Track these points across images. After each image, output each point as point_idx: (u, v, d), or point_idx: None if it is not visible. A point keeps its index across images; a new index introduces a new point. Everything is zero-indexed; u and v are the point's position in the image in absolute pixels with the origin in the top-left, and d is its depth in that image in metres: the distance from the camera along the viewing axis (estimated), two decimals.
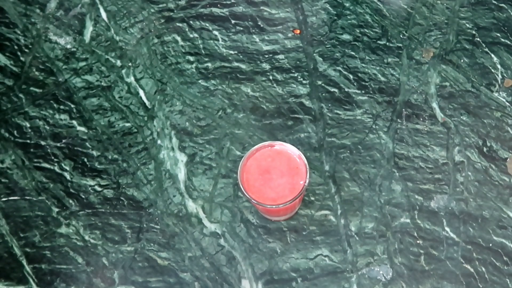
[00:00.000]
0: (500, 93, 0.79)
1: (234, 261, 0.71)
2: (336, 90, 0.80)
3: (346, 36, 0.84)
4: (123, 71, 0.83)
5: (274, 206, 0.62)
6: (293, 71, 0.82)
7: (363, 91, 0.80)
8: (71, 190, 0.75)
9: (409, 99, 0.79)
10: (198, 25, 0.86)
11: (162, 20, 0.86)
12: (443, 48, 0.83)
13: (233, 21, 0.86)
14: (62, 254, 0.72)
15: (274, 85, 0.81)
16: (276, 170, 0.64)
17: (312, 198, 0.74)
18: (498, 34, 0.83)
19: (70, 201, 0.75)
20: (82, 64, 0.83)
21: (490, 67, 0.81)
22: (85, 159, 0.77)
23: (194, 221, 0.73)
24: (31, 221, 0.74)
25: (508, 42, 0.82)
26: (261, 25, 0.85)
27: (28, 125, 0.79)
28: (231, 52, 0.84)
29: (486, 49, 0.82)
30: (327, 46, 0.83)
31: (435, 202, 0.73)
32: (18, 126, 0.79)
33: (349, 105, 0.79)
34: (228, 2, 0.87)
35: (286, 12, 0.86)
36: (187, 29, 0.86)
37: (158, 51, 0.84)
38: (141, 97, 0.81)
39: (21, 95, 0.81)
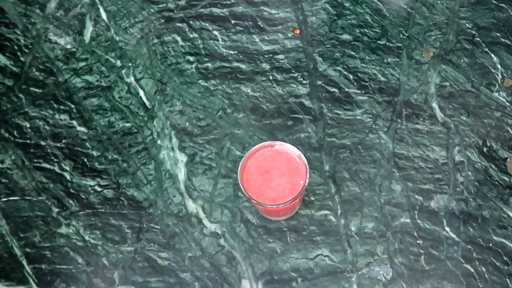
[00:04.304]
0: (500, 93, 0.79)
1: (234, 261, 0.71)
2: (336, 90, 0.80)
3: (346, 36, 0.84)
4: (123, 71, 0.83)
5: (274, 206, 0.62)
6: (293, 71, 0.82)
7: (363, 91, 0.80)
8: (71, 190, 0.75)
9: (409, 99, 0.79)
10: (198, 25, 0.86)
11: (162, 20, 0.86)
12: (443, 48, 0.83)
13: (233, 21, 0.86)
14: (62, 254, 0.72)
15: (274, 85, 0.81)
16: (276, 170, 0.64)
17: (312, 198, 0.74)
18: (498, 34, 0.83)
19: (70, 201, 0.75)
20: (82, 64, 0.83)
21: (490, 67, 0.81)
22: (85, 159, 0.77)
23: (194, 221, 0.73)
24: (31, 221, 0.74)
25: (508, 42, 0.82)
26: (261, 25, 0.85)
27: (28, 125, 0.79)
28: (231, 52, 0.84)
29: (486, 49, 0.82)
30: (327, 46, 0.83)
31: (435, 202, 0.73)
32: (18, 126, 0.79)
33: (349, 105, 0.79)
34: (228, 2, 0.87)
35: (286, 12, 0.86)
36: (187, 29, 0.86)
37: (158, 51, 0.84)
38: (141, 97, 0.81)
39: (21, 95, 0.81)
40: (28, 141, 0.78)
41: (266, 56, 0.83)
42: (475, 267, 0.69)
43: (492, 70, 0.81)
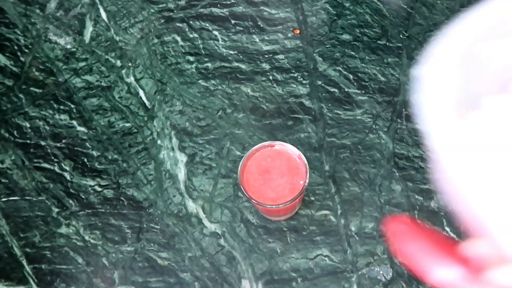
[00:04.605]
0: None
1: (234, 261, 0.71)
2: (336, 90, 0.80)
3: (346, 36, 0.84)
4: (123, 71, 0.83)
5: (274, 206, 0.62)
6: (293, 71, 0.82)
7: (363, 91, 0.80)
8: (71, 190, 0.75)
9: (409, 99, 0.79)
10: (198, 25, 0.86)
11: (162, 20, 0.86)
12: None
13: (233, 21, 0.86)
14: (62, 254, 0.72)
15: (274, 85, 0.81)
16: (276, 170, 0.64)
17: (312, 198, 0.74)
18: None
19: (70, 201, 0.75)
20: (82, 64, 0.83)
21: None
22: (85, 159, 0.77)
23: (194, 221, 0.73)
24: (31, 221, 0.74)
25: None
26: (261, 25, 0.85)
27: (28, 125, 0.79)
28: (231, 52, 0.84)
29: None
30: (327, 46, 0.83)
31: (435, 202, 0.73)
32: (18, 126, 0.79)
33: (349, 105, 0.79)
34: (228, 2, 0.87)
35: (286, 12, 0.86)
36: (187, 29, 0.86)
37: (158, 51, 0.84)
38: (141, 97, 0.81)
39: (21, 95, 0.81)
40: (28, 141, 0.78)
41: (266, 56, 0.83)
42: None
43: None
